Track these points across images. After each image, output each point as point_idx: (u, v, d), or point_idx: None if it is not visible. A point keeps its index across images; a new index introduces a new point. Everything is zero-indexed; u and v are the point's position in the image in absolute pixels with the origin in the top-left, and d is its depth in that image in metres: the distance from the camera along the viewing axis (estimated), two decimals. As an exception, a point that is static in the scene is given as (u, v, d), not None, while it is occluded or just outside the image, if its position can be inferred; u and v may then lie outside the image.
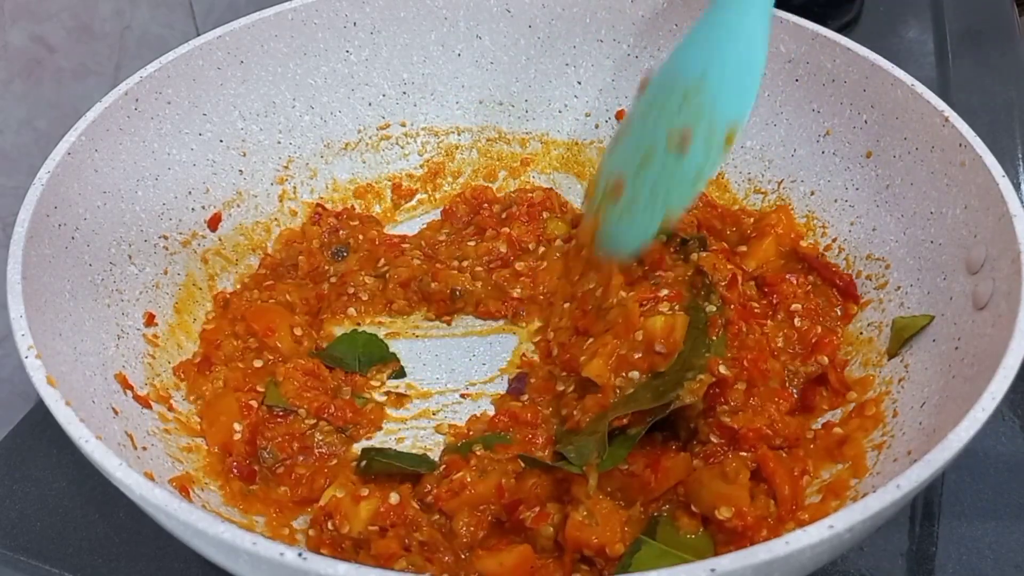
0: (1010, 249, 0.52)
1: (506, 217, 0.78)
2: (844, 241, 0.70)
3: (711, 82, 0.61)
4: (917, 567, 0.57)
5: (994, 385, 0.45)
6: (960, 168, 0.59)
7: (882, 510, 0.40)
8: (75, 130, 0.62)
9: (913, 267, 0.63)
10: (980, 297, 0.54)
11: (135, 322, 0.64)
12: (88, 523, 0.60)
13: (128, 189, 0.66)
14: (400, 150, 0.84)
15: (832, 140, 0.71)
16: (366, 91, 0.81)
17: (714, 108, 0.61)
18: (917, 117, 0.63)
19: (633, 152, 0.65)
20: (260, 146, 0.77)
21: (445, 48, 0.82)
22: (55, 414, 0.46)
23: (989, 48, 1.02)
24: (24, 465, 0.64)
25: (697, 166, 0.61)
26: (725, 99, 0.61)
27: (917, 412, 0.54)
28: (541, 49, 0.82)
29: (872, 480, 0.53)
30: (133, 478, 0.42)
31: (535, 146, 0.85)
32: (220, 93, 0.73)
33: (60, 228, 0.59)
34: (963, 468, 0.62)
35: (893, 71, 0.65)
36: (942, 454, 0.42)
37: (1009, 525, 0.59)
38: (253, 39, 0.74)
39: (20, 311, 0.50)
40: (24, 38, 0.79)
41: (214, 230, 0.73)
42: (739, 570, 0.37)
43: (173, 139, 0.70)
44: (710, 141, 0.60)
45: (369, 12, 0.78)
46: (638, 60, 0.80)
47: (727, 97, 0.61)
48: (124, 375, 0.59)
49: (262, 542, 0.38)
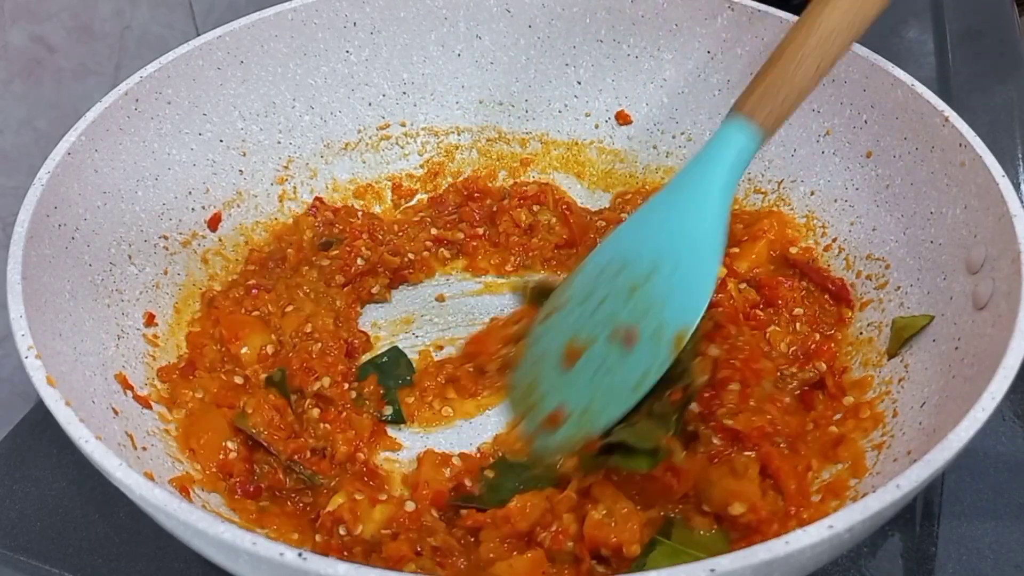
0: (1010, 249, 0.52)
1: (497, 210, 0.78)
2: (844, 241, 0.70)
3: (662, 281, 0.58)
4: (917, 567, 0.57)
5: (994, 385, 0.45)
6: (960, 168, 0.59)
7: (882, 510, 0.40)
8: (75, 130, 0.62)
9: (913, 267, 0.63)
10: (980, 297, 0.54)
11: (135, 322, 0.64)
12: (88, 523, 0.60)
13: (128, 189, 0.66)
14: (400, 150, 0.84)
15: (832, 140, 0.71)
16: (366, 91, 0.81)
17: (663, 310, 0.57)
18: (917, 117, 0.63)
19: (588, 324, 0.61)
20: (260, 146, 0.77)
21: (445, 48, 0.82)
22: (55, 414, 0.46)
23: (989, 48, 1.02)
24: (24, 465, 0.64)
25: (643, 368, 0.57)
26: (676, 303, 0.57)
27: (917, 412, 0.54)
28: (541, 49, 0.82)
29: (872, 480, 0.53)
30: (133, 478, 0.42)
31: (535, 146, 0.85)
32: (220, 93, 0.73)
33: (60, 228, 0.59)
34: (963, 468, 0.62)
35: (893, 71, 0.65)
36: (942, 454, 0.42)
37: (1009, 525, 0.59)
38: (253, 39, 0.74)
39: (20, 311, 0.50)
40: (24, 38, 0.79)
41: (214, 230, 0.73)
42: (739, 570, 0.37)
43: (173, 139, 0.70)
44: (657, 343, 0.57)
45: (369, 12, 0.78)
46: (638, 60, 0.80)
47: (679, 302, 0.57)
48: (124, 375, 0.59)
49: (262, 542, 0.38)
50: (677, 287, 0.58)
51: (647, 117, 0.82)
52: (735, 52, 0.76)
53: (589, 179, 0.84)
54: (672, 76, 0.80)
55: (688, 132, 0.80)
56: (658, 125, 0.81)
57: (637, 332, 0.58)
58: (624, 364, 0.58)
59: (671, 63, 0.79)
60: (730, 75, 0.76)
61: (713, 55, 0.77)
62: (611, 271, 0.61)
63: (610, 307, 0.60)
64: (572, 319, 0.62)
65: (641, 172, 0.82)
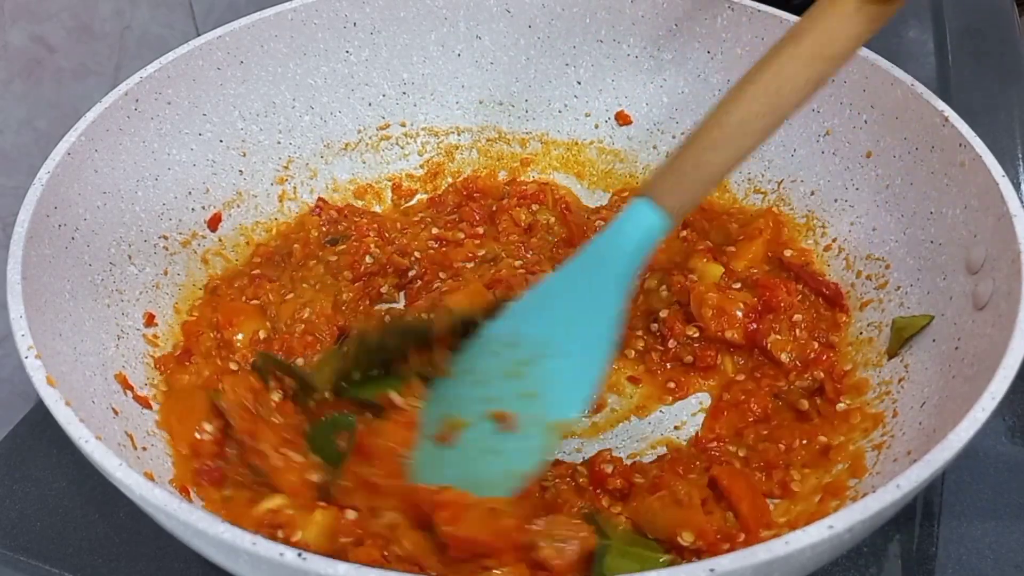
0: (1010, 249, 0.52)
1: (497, 210, 0.78)
2: (844, 241, 0.70)
3: (545, 368, 0.57)
4: (917, 567, 0.57)
5: (994, 385, 0.45)
6: (960, 168, 0.59)
7: (882, 510, 0.40)
8: (75, 130, 0.62)
9: (913, 267, 0.63)
10: (980, 297, 0.54)
11: (135, 322, 0.64)
12: (88, 523, 0.60)
13: (128, 189, 0.66)
14: (400, 150, 0.84)
15: (832, 140, 0.71)
16: (366, 91, 0.81)
17: (543, 398, 0.56)
18: (917, 117, 0.63)
19: (465, 402, 0.59)
20: (260, 146, 0.77)
21: (445, 48, 0.82)
22: (55, 414, 0.46)
23: (989, 48, 1.02)
24: (24, 465, 0.64)
25: (520, 454, 0.55)
26: (556, 393, 0.56)
27: (917, 412, 0.54)
28: (541, 49, 0.82)
29: (872, 480, 0.53)
30: (133, 478, 0.42)
31: (535, 146, 0.85)
32: (220, 93, 0.73)
33: (60, 228, 0.59)
34: (963, 468, 0.62)
35: (893, 71, 0.65)
36: (942, 454, 0.42)
37: (1009, 525, 0.59)
38: (253, 39, 0.74)
39: (20, 311, 0.50)
40: (24, 38, 0.79)
41: (214, 230, 0.73)
42: (739, 570, 0.37)
43: (173, 139, 0.70)
44: (533, 431, 0.56)
45: (369, 12, 0.78)
46: (638, 60, 0.80)
47: (559, 392, 0.56)
48: (124, 375, 0.59)
49: (262, 542, 0.38)
50: (559, 377, 0.56)
51: (647, 117, 0.82)
52: (735, 52, 0.76)
53: (589, 179, 0.84)
54: (672, 76, 0.80)
55: (688, 132, 0.80)
56: (658, 125, 0.81)
57: (515, 420, 0.56)
58: (503, 446, 0.56)
59: (671, 63, 0.79)
60: (730, 75, 0.76)
61: (713, 55, 0.77)
62: (500, 346, 0.59)
63: (493, 386, 0.58)
64: (453, 393, 0.60)
65: (641, 172, 0.82)
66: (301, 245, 0.74)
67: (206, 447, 0.58)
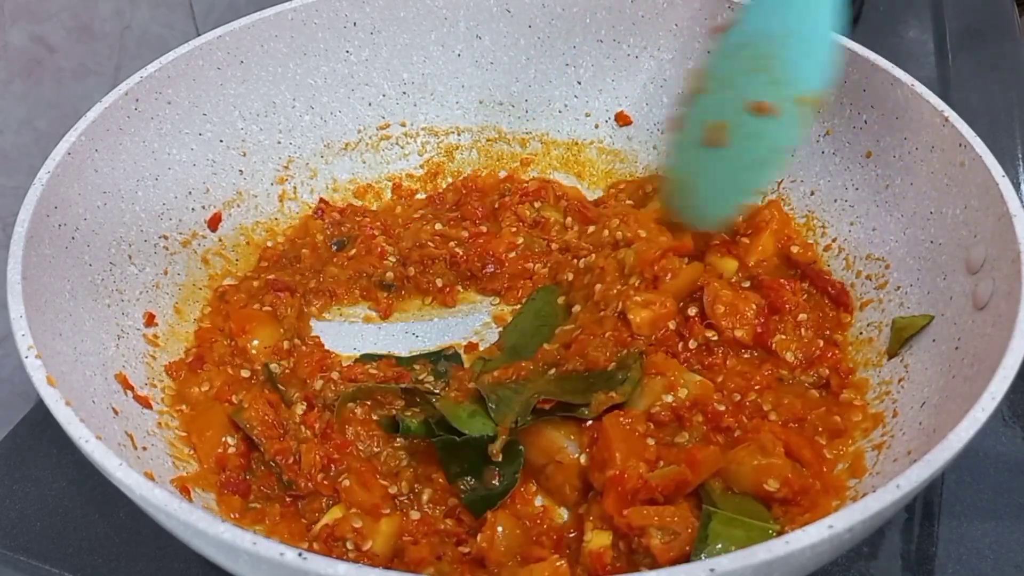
0: (1010, 249, 0.52)
1: (499, 207, 0.78)
2: (844, 241, 0.70)
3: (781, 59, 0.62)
4: (917, 567, 0.57)
5: (994, 385, 0.45)
6: (960, 168, 0.59)
7: (882, 510, 0.40)
8: (75, 130, 0.62)
9: (913, 267, 0.63)
10: (980, 297, 0.54)
11: (135, 322, 0.64)
12: (88, 523, 0.60)
13: (128, 189, 0.66)
14: (400, 150, 0.84)
15: (832, 140, 0.71)
16: (366, 91, 0.81)
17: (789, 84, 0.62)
18: (917, 117, 0.63)
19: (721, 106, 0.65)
20: (260, 146, 0.77)
21: (445, 48, 0.82)
22: (55, 414, 0.46)
23: (989, 48, 1.02)
24: (24, 465, 0.64)
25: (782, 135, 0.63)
26: (798, 76, 0.62)
27: (917, 412, 0.54)
28: (541, 49, 0.82)
29: (872, 480, 0.53)
30: (133, 478, 0.42)
31: (535, 146, 0.85)
32: (220, 93, 0.73)
33: (60, 228, 0.59)
34: (963, 468, 0.62)
35: (893, 71, 0.65)
36: (942, 454, 0.42)
37: (1009, 525, 0.59)
38: (253, 39, 0.74)
39: (20, 311, 0.50)
40: (24, 38, 0.79)
41: (214, 230, 0.73)
42: (739, 570, 0.37)
43: (173, 139, 0.70)
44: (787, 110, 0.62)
45: (369, 12, 0.78)
46: (638, 60, 0.80)
47: (800, 75, 0.62)
48: (124, 375, 0.59)
49: (262, 542, 0.38)
50: (797, 57, 0.61)
51: (647, 117, 0.82)
52: (735, 52, 0.76)
53: (589, 179, 0.84)
54: (672, 76, 0.80)
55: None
56: (658, 125, 0.81)
57: (767, 104, 0.62)
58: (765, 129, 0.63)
59: (671, 63, 0.79)
60: (730, 75, 0.76)
61: (713, 55, 0.77)
62: (735, 49, 0.65)
63: (741, 84, 0.64)
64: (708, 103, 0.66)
65: (641, 172, 0.82)
66: (310, 250, 0.75)
67: (232, 460, 0.59)
